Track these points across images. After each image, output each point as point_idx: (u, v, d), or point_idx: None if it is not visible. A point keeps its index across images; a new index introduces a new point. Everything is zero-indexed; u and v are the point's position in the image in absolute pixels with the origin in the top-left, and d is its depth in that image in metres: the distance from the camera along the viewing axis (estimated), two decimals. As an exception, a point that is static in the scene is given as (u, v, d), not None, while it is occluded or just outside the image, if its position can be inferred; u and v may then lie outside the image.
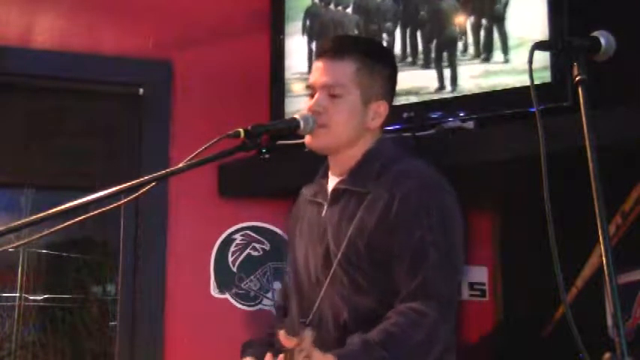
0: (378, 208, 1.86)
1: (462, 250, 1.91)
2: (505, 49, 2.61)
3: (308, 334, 1.57)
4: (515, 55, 2.59)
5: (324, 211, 1.97)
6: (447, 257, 1.83)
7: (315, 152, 2.02)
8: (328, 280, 1.87)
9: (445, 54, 2.74)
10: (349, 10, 2.97)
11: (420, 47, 2.79)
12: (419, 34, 2.80)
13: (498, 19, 2.64)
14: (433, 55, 2.77)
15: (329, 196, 1.98)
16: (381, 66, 2.00)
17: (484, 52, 2.66)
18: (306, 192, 2.10)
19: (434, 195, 1.89)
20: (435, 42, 2.77)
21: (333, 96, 1.93)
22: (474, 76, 2.68)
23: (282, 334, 1.63)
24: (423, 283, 1.78)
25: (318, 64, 1.98)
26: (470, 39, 2.69)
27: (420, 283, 1.78)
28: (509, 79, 2.59)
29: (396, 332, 1.73)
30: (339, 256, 1.86)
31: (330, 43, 2.03)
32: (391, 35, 2.85)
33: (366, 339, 1.72)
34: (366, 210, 1.87)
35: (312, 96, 1.97)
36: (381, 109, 1.98)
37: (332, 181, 2.02)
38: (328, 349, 1.67)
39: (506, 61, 2.61)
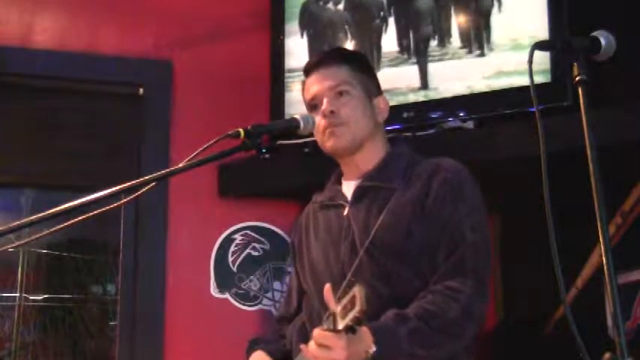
0: (412, 198, 1.89)
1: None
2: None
3: (360, 289, 1.52)
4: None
5: (345, 211, 1.98)
6: (482, 238, 1.88)
7: (337, 155, 2.02)
8: (354, 269, 1.87)
9: (436, 49, 2.74)
10: (341, 6, 2.97)
11: (412, 43, 2.80)
12: (411, 30, 2.81)
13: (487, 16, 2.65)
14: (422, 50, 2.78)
15: (352, 195, 1.99)
16: (367, 68, 2.11)
17: (476, 48, 2.67)
18: (319, 198, 2.11)
19: (467, 182, 1.94)
20: (426, 37, 2.78)
21: (340, 94, 1.98)
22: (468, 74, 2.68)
23: (327, 289, 1.65)
24: (460, 261, 1.82)
25: (312, 78, 2.04)
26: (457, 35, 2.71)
27: (456, 260, 1.82)
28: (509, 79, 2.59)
29: (431, 308, 1.75)
30: (366, 244, 1.86)
31: (317, 57, 2.11)
32: (384, 31, 2.85)
33: (400, 312, 1.74)
34: (397, 201, 1.89)
35: (315, 108, 2.00)
36: (382, 104, 2.06)
37: (349, 185, 2.03)
38: None
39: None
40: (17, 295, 4.79)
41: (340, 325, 1.57)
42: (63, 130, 3.16)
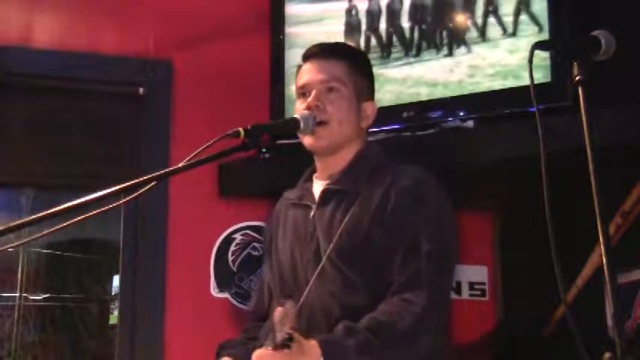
0: (372, 206, 1.88)
1: (457, 243, 1.94)
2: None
3: (291, 305, 1.58)
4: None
5: (312, 213, 1.97)
6: (440, 249, 1.85)
7: (315, 153, 2.02)
8: (315, 276, 1.86)
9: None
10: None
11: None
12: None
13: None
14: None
15: (318, 198, 1.98)
16: (365, 68, 2.07)
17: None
18: (290, 196, 2.10)
19: (428, 191, 1.91)
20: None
21: (330, 90, 1.96)
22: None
23: (278, 310, 1.65)
24: (414, 274, 1.80)
25: (307, 66, 2.02)
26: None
27: (411, 274, 1.80)
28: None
29: (383, 320, 1.75)
30: (328, 251, 1.86)
31: (318, 47, 2.07)
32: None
33: (350, 325, 1.74)
34: (359, 207, 1.88)
35: (302, 95, 1.98)
36: (369, 110, 2.03)
37: (318, 185, 2.02)
38: None
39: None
40: (17, 295, 4.79)
41: (277, 341, 1.62)
42: (63, 130, 3.16)
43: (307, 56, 2.04)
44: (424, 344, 1.79)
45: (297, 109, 1.99)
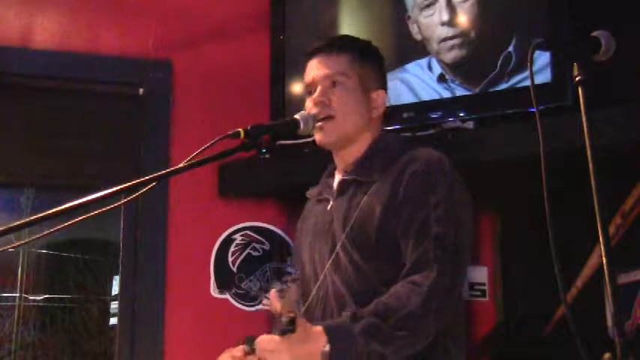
0: (385, 192, 1.87)
1: (470, 228, 1.91)
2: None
3: (290, 291, 1.57)
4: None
5: (329, 205, 1.98)
6: (448, 231, 1.82)
7: (324, 148, 2.02)
8: (330, 264, 1.87)
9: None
10: None
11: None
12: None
13: None
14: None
15: (335, 189, 1.99)
16: (372, 58, 2.05)
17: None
18: (312, 193, 2.11)
19: (438, 174, 1.88)
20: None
21: (334, 84, 1.96)
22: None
23: (272, 294, 1.66)
24: (422, 256, 1.78)
25: (313, 62, 2.02)
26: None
27: (421, 254, 1.79)
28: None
29: (390, 302, 1.73)
30: (342, 239, 1.86)
31: (322, 42, 2.06)
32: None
33: (356, 310, 1.74)
34: (372, 195, 1.88)
35: (309, 94, 1.99)
36: (379, 98, 2.01)
37: (338, 178, 2.03)
38: None
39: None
40: (17, 295, 4.79)
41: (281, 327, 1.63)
42: (63, 130, 3.16)
43: (311, 52, 2.04)
44: (430, 328, 1.76)
45: (307, 107, 1.99)
